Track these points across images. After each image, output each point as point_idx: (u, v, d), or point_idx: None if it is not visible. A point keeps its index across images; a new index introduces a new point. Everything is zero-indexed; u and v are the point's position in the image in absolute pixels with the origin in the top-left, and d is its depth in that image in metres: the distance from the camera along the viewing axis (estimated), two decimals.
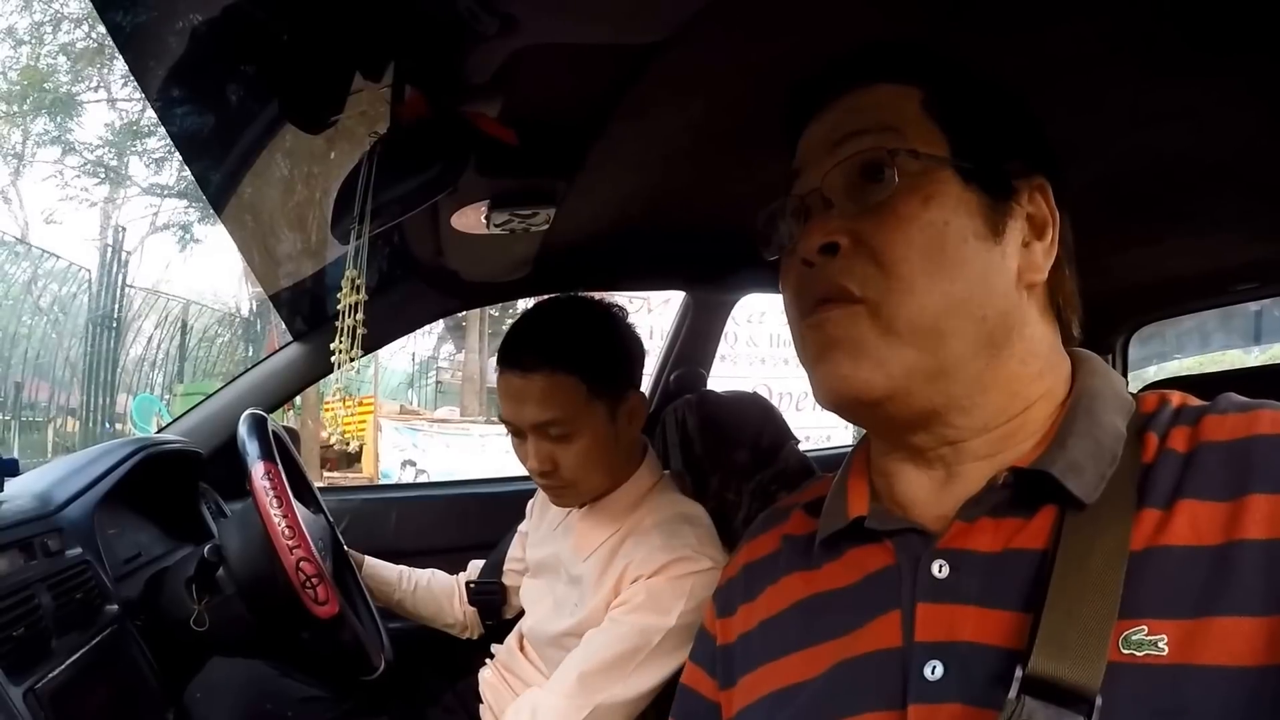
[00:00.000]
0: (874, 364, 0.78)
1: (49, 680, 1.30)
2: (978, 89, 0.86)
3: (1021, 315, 0.82)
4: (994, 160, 0.82)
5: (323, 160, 1.63)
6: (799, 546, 0.97)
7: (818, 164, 0.86)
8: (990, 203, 0.81)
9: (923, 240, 0.78)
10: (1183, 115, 1.38)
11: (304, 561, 1.55)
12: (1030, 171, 0.84)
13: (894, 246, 0.78)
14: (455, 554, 2.27)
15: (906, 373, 0.78)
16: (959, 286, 0.78)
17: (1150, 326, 3.13)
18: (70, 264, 10.59)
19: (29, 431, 10.39)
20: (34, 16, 13.74)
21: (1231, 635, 0.64)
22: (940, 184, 0.80)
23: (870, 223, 0.80)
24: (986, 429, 0.81)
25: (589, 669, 1.42)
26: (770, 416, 1.98)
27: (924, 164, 0.80)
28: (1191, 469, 0.73)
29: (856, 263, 0.80)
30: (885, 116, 0.84)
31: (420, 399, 16.51)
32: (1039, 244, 0.83)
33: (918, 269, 0.77)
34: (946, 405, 0.80)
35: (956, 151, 0.82)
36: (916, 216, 0.78)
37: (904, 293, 0.77)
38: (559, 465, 1.56)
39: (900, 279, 0.77)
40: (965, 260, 0.78)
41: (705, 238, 2.20)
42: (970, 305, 0.78)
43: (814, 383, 0.84)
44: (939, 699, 0.74)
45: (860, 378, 0.79)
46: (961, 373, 0.79)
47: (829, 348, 0.81)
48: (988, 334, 0.79)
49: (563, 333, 1.56)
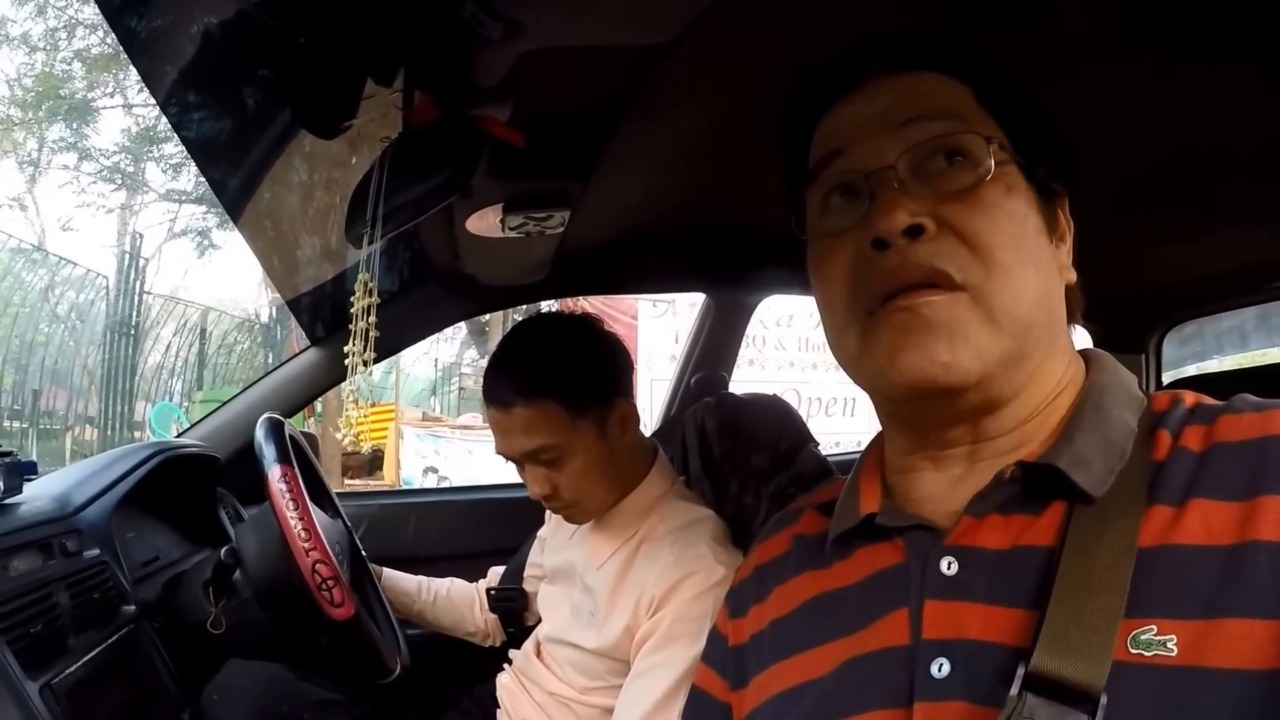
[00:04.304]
0: (974, 351, 0.77)
1: (65, 676, 1.32)
2: (1019, 92, 0.88)
3: (1063, 311, 0.84)
4: (1040, 162, 0.84)
5: (337, 165, 1.64)
6: (810, 546, 0.97)
7: (874, 142, 0.84)
8: (1045, 201, 0.83)
9: (1011, 229, 0.79)
10: (1210, 101, 1.35)
11: (320, 564, 1.55)
12: (1059, 178, 0.86)
13: (987, 233, 0.78)
14: (474, 559, 2.28)
15: (999, 361, 0.78)
16: (1039, 279, 0.80)
17: (1189, 326, 3.08)
18: (87, 271, 10.61)
19: (47, 439, 10.43)
20: (49, 23, 13.83)
21: (1242, 637, 0.64)
22: (1015, 177, 0.82)
23: (955, 207, 0.79)
24: (1021, 423, 0.82)
25: (641, 718, 1.40)
26: (789, 419, 1.97)
27: (1001, 154, 0.81)
28: (1206, 468, 0.73)
29: (947, 246, 0.78)
30: (950, 105, 0.84)
31: (443, 405, 16.52)
32: (1063, 247, 0.86)
33: (1012, 257, 0.78)
34: (1012, 396, 0.81)
35: (1017, 146, 0.83)
36: (1002, 205, 0.79)
37: (1003, 279, 0.77)
38: (559, 488, 1.56)
39: (998, 265, 0.77)
40: (1039, 254, 0.81)
41: (725, 238, 2.20)
42: (1046, 298, 0.80)
43: (893, 365, 0.80)
44: (945, 696, 0.74)
45: (960, 364, 0.77)
46: (1029, 364, 0.80)
47: (922, 331, 0.77)
48: (1053, 328, 0.82)
49: (534, 360, 1.56)
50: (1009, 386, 0.80)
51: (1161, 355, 3.05)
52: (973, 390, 0.78)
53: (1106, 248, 0.89)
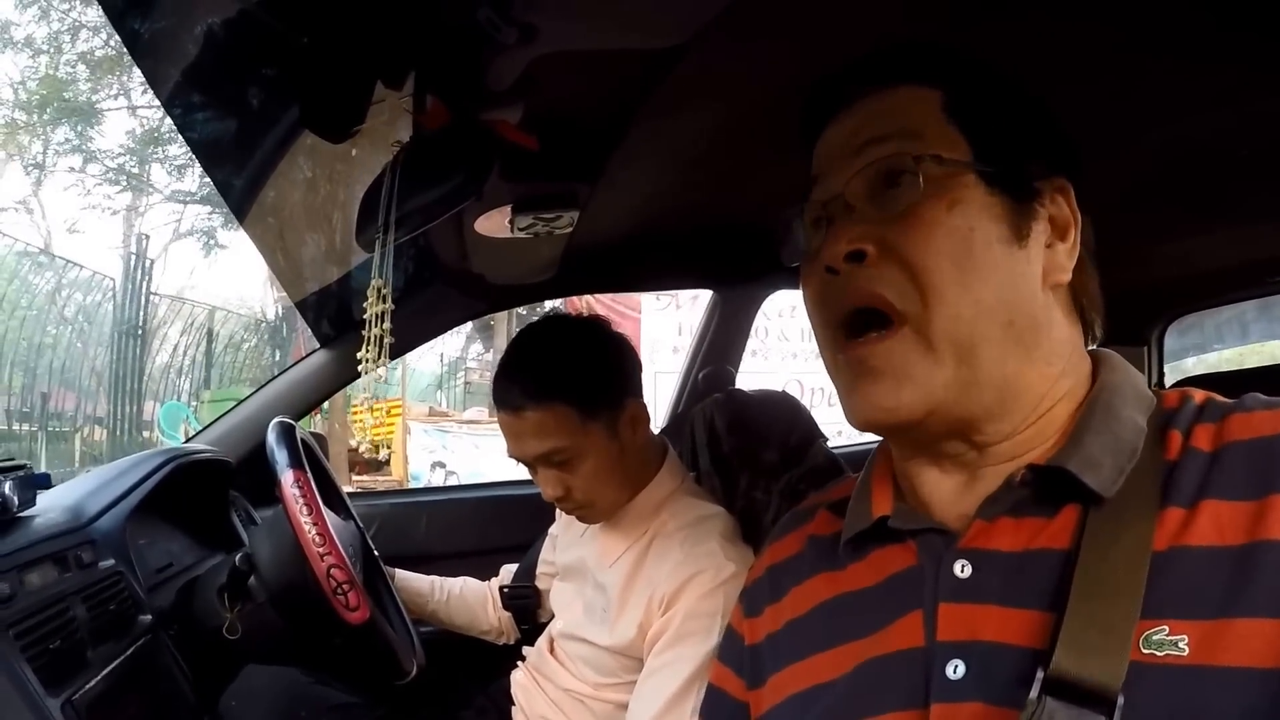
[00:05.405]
0: (915, 387, 0.79)
1: (85, 691, 1.31)
2: (999, 90, 0.86)
3: (1048, 317, 0.82)
4: (1016, 162, 0.82)
5: (345, 167, 1.64)
6: (824, 547, 0.98)
7: (838, 170, 0.86)
8: (1014, 206, 0.81)
9: (950, 246, 0.78)
10: (1217, 102, 1.36)
11: (335, 569, 1.55)
12: (1051, 173, 0.84)
13: (922, 254, 0.78)
14: (486, 556, 2.28)
15: (944, 388, 0.79)
16: (987, 293, 0.78)
17: (1189, 317, 3.08)
18: (94, 273, 10.60)
19: (56, 442, 10.41)
20: (52, 25, 13.80)
21: (1252, 637, 0.64)
22: (964, 189, 0.80)
23: (896, 229, 0.80)
24: (1015, 432, 0.82)
25: (654, 717, 1.41)
26: (799, 415, 1.97)
27: (947, 169, 0.80)
28: (1216, 468, 0.73)
29: (886, 270, 0.80)
30: (907, 121, 0.84)
31: (449, 400, 16.49)
32: (1062, 245, 0.83)
33: (948, 277, 0.78)
34: (982, 413, 0.80)
35: (979, 155, 0.82)
36: (942, 222, 0.79)
37: (938, 303, 0.78)
38: (571, 490, 1.57)
39: (932, 288, 0.78)
40: (992, 265, 0.79)
41: (731, 236, 2.20)
42: (999, 311, 0.78)
43: (849, 406, 0.85)
44: (960, 698, 0.74)
45: (904, 405, 0.79)
46: (994, 379, 0.79)
47: (869, 379, 0.81)
48: (1016, 338, 0.79)
49: (544, 363, 1.56)
50: (975, 406, 0.80)
51: (1163, 347, 3.06)
52: (928, 419, 0.80)
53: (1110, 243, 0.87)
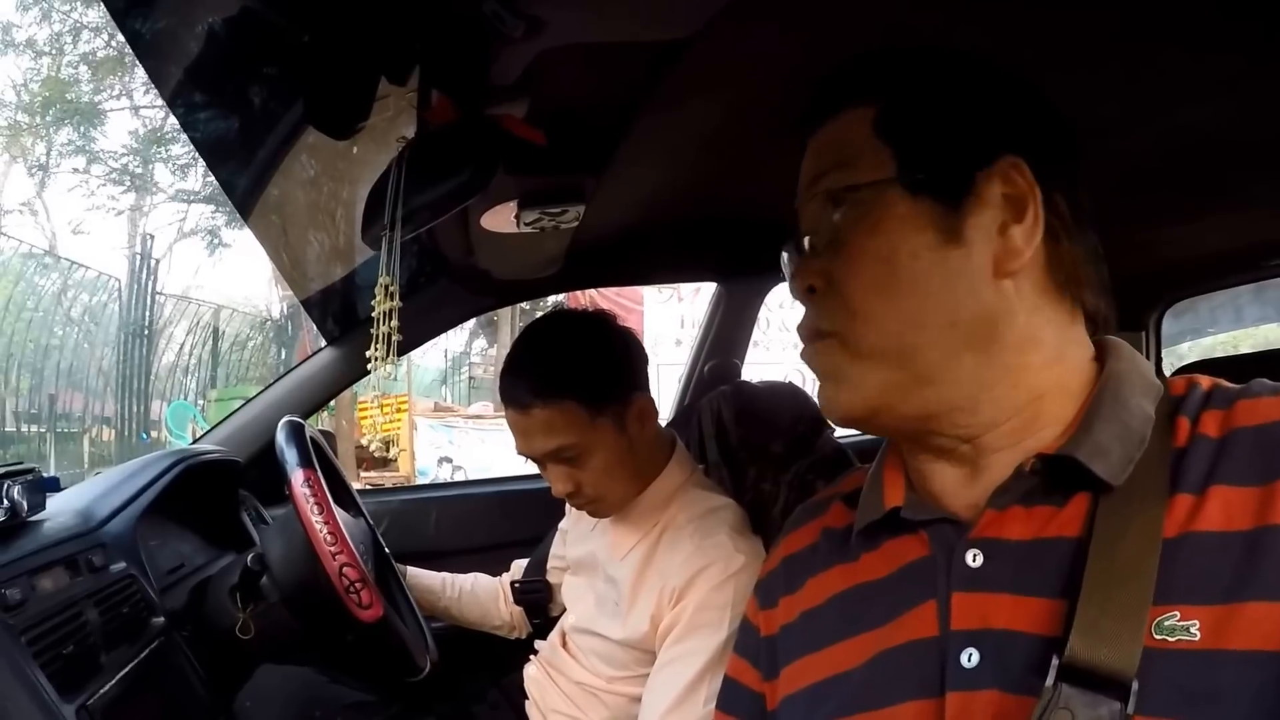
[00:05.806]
0: (850, 387, 0.85)
1: (100, 696, 1.31)
2: (940, 84, 0.85)
3: (1007, 306, 0.81)
4: (949, 158, 0.81)
5: (350, 163, 1.64)
6: (837, 538, 0.98)
7: (801, 205, 0.91)
8: (944, 209, 0.80)
9: (874, 273, 0.82)
10: (1217, 90, 1.35)
11: (347, 567, 1.56)
12: (996, 155, 0.81)
13: (853, 285, 0.83)
14: (497, 551, 2.29)
15: (881, 390, 0.83)
16: (915, 304, 0.80)
17: (1184, 301, 3.09)
18: (99, 273, 10.66)
19: (64, 442, 10.47)
20: (54, 27, 13.84)
21: (1263, 620, 0.65)
22: (886, 207, 0.82)
23: (837, 262, 0.85)
24: (997, 423, 0.82)
25: (667, 709, 1.41)
26: (806, 405, 1.97)
27: (870, 192, 0.82)
28: (1224, 454, 0.73)
29: (827, 303, 0.86)
30: (840, 151, 0.87)
31: (454, 395, 16.53)
32: (1018, 227, 0.80)
33: (872, 303, 0.82)
34: (945, 408, 0.82)
35: (905, 164, 0.82)
36: (866, 250, 0.82)
37: (864, 324, 0.82)
38: (581, 486, 1.57)
39: (858, 314, 0.83)
40: (920, 276, 0.80)
41: (736, 229, 2.20)
42: (934, 316, 0.80)
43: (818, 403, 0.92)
44: (976, 686, 0.75)
45: (842, 402, 0.86)
46: (951, 376, 0.81)
47: (820, 379, 0.88)
48: (965, 336, 0.80)
49: (550, 361, 1.56)
50: (930, 403, 0.82)
51: (1161, 332, 3.09)
52: (876, 416, 0.85)
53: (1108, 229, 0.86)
